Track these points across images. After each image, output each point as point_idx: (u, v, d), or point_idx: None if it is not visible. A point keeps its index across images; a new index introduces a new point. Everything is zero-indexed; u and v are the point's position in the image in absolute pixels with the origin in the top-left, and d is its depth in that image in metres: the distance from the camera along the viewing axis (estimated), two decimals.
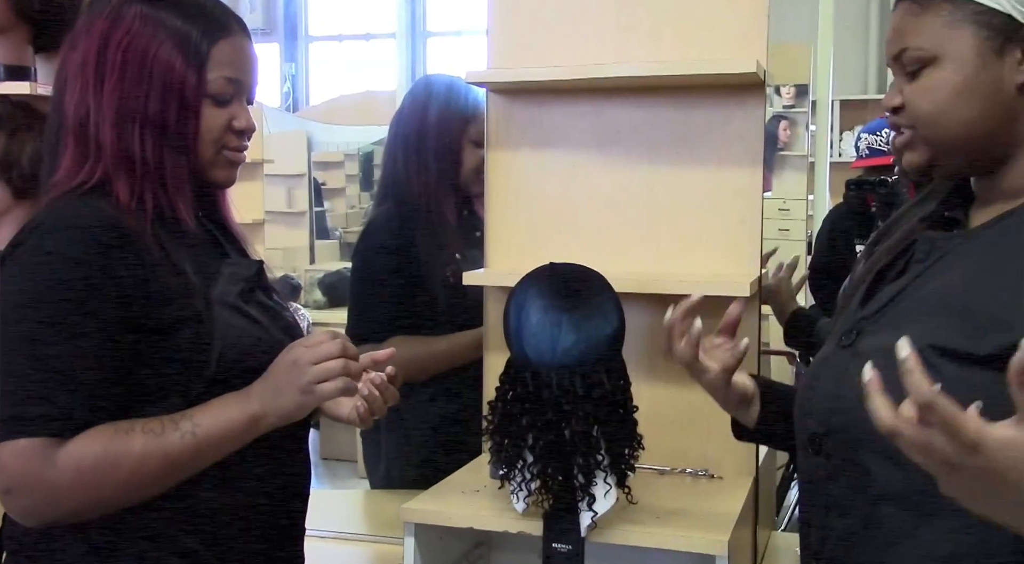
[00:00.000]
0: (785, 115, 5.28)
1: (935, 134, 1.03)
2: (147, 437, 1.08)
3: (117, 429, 1.08)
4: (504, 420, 1.38)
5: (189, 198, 1.19)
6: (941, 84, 1.01)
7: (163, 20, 1.15)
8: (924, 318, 0.99)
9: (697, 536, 1.39)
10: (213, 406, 1.12)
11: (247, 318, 1.19)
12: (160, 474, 1.10)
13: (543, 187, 1.80)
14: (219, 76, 1.17)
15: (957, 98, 1.00)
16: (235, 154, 1.22)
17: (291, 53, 8.08)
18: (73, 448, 1.06)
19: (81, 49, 1.16)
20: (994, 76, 0.99)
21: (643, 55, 1.71)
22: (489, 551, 1.77)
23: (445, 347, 1.97)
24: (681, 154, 1.72)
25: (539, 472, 1.37)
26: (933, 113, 1.02)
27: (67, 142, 1.15)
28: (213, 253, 1.24)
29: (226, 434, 1.12)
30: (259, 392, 1.14)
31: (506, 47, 1.80)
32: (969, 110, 1.01)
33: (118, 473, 1.08)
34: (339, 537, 2.00)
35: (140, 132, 1.14)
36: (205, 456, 1.12)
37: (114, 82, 1.14)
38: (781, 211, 5.11)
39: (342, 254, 6.11)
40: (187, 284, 1.14)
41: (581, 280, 1.41)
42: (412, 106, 2.10)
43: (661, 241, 1.74)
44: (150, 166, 1.15)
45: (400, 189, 2.06)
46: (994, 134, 1.02)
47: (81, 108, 1.14)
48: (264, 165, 5.50)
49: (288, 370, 1.13)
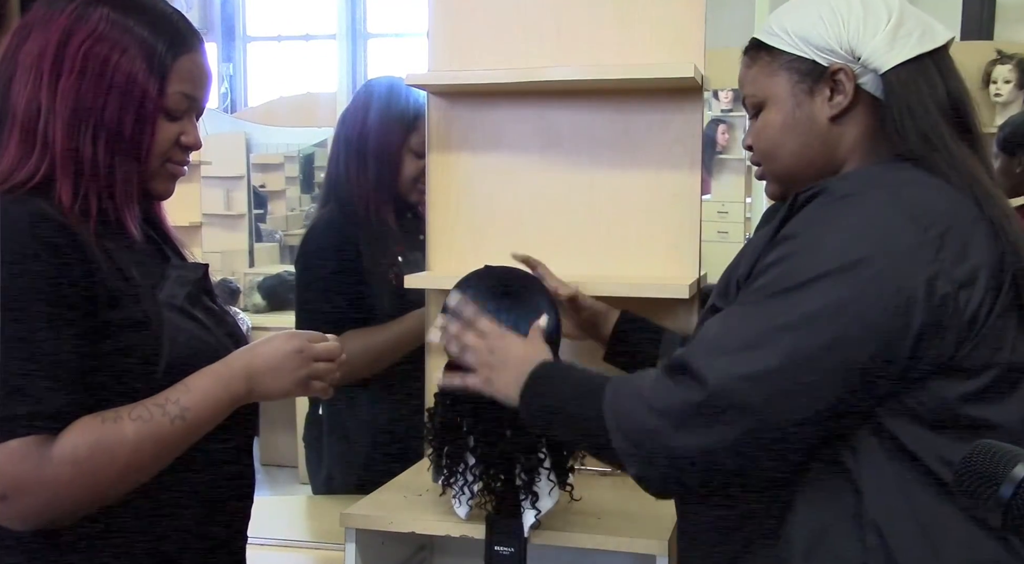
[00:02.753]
0: (723, 119, 5.36)
1: (772, 168, 1.20)
2: (138, 424, 1.09)
3: (104, 418, 1.08)
4: (444, 425, 1.38)
5: (135, 208, 1.18)
6: (769, 124, 1.17)
7: (130, 27, 1.14)
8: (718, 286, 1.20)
9: (638, 536, 1.40)
10: (197, 388, 1.14)
11: (194, 321, 1.19)
12: (154, 459, 1.11)
13: (484, 190, 1.80)
14: (178, 91, 1.17)
15: (780, 135, 1.16)
16: (177, 168, 1.22)
17: (229, 53, 7.96)
18: (66, 442, 1.05)
19: (37, 41, 1.13)
20: (808, 113, 1.14)
21: (583, 59, 1.72)
22: (431, 555, 1.76)
23: (390, 334, 1.96)
24: (621, 157, 1.74)
25: (481, 473, 1.37)
26: (765, 149, 1.19)
27: (11, 133, 1.12)
28: (155, 257, 1.23)
29: (214, 414, 1.15)
30: (249, 370, 1.17)
31: (447, 50, 1.80)
32: (792, 144, 1.16)
33: (116, 462, 1.07)
34: (281, 544, 1.97)
35: (93, 135, 1.12)
36: (192, 437, 1.14)
37: (72, 81, 1.11)
38: (720, 214, 5.19)
39: (282, 257, 6.05)
40: (133, 287, 1.12)
41: (516, 280, 1.42)
42: (354, 109, 2.09)
43: (601, 243, 1.75)
44: (99, 171, 1.13)
45: (342, 191, 2.05)
46: (817, 162, 1.15)
47: (33, 102, 1.11)
48: (202, 167, 5.42)
49: (290, 358, 1.19)
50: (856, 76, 1.11)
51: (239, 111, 7.36)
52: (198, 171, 5.36)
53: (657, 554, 1.38)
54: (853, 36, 1.11)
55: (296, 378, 1.19)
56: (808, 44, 1.13)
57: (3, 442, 1.02)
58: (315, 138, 5.86)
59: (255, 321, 5.06)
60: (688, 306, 1.68)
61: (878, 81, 1.11)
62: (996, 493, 0.77)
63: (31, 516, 1.06)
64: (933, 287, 0.98)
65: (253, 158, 6.23)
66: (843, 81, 1.12)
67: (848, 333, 0.99)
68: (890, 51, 1.10)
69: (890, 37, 1.10)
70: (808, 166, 1.16)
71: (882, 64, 1.10)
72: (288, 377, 1.19)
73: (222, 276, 5.32)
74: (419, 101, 1.93)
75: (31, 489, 1.03)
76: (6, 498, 1.03)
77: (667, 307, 1.66)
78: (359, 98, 2.11)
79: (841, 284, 0.99)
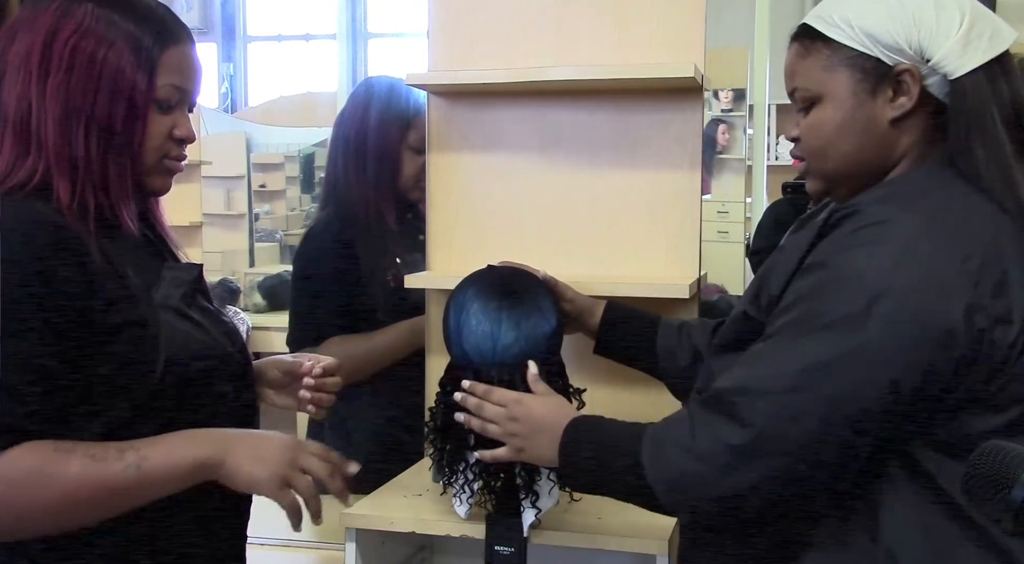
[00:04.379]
0: (723, 119, 5.35)
1: (821, 166, 1.14)
2: (85, 461, 1.04)
3: (57, 448, 1.04)
4: (445, 424, 1.38)
5: (132, 204, 1.18)
6: (825, 122, 1.11)
7: (115, 21, 1.13)
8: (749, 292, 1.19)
9: (638, 536, 1.40)
10: (165, 441, 1.10)
11: (190, 322, 1.18)
12: (93, 502, 1.06)
13: (484, 190, 1.80)
14: (167, 83, 1.16)
15: (836, 135, 1.11)
16: (174, 163, 1.21)
17: (229, 53, 7.97)
18: (7, 459, 1.02)
19: (23, 41, 1.12)
20: (868, 114, 1.09)
21: (583, 59, 1.72)
22: (432, 555, 1.77)
23: (384, 340, 1.96)
24: (621, 157, 1.74)
25: (480, 472, 1.37)
26: (817, 148, 1.13)
27: (4, 134, 1.12)
28: (152, 257, 1.22)
29: (172, 472, 1.09)
30: (228, 442, 1.12)
31: (447, 49, 1.80)
32: (847, 145, 1.11)
33: (48, 493, 1.03)
34: (281, 544, 1.97)
35: (85, 132, 1.12)
36: (145, 492, 1.08)
37: (60, 78, 1.11)
38: (720, 214, 5.19)
39: (283, 257, 6.05)
40: (130, 288, 1.12)
41: (519, 280, 1.42)
42: (353, 108, 2.09)
43: (601, 243, 1.75)
44: (93, 168, 1.12)
45: (341, 192, 2.04)
46: (870, 165, 1.11)
47: (23, 102, 1.11)
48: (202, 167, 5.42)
49: (281, 450, 1.14)
50: (923, 78, 1.06)
51: (239, 111, 7.37)
52: (198, 171, 5.36)
53: (657, 554, 1.38)
54: (925, 37, 1.05)
55: (279, 473, 1.12)
56: (874, 41, 1.07)
57: None
58: (315, 138, 5.86)
59: (255, 321, 5.06)
60: (688, 306, 1.68)
61: (945, 84, 1.06)
62: (1007, 497, 0.75)
63: None
64: (971, 321, 0.97)
65: (253, 158, 6.24)
66: (908, 83, 1.06)
67: (889, 370, 0.97)
68: (963, 56, 1.05)
69: (963, 40, 1.05)
70: (859, 168, 1.11)
71: (955, 69, 1.05)
72: (271, 466, 1.12)
73: (222, 276, 5.33)
74: (418, 99, 1.93)
75: None
76: None
77: (667, 307, 1.66)
78: (357, 97, 2.11)
79: (879, 320, 0.97)
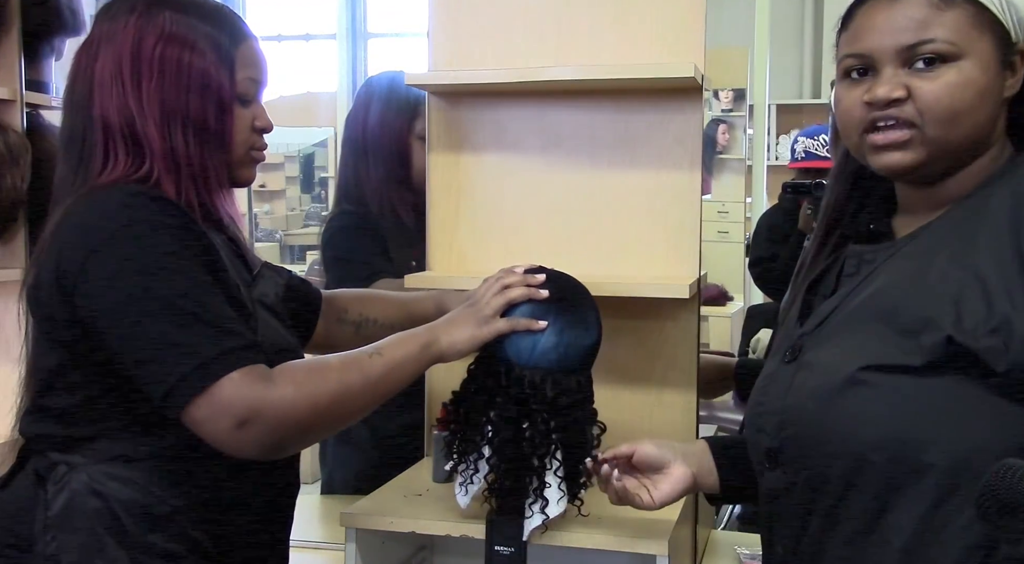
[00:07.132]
0: (723, 119, 5.35)
1: (943, 133, 1.00)
2: (340, 357, 1.18)
3: (305, 359, 1.20)
4: (467, 409, 1.38)
5: (227, 197, 1.26)
6: (968, 82, 0.99)
7: (193, 25, 1.21)
8: (859, 327, 1.02)
9: (638, 537, 1.40)
10: (389, 340, 1.25)
11: (280, 321, 1.30)
12: (361, 388, 1.17)
13: (485, 190, 1.80)
14: (244, 77, 1.24)
15: (978, 99, 1.00)
16: (259, 153, 1.29)
17: None
18: (280, 368, 1.12)
19: (108, 55, 1.19)
20: (1000, 86, 1.02)
21: (583, 58, 1.72)
22: (432, 555, 1.76)
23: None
24: (621, 157, 1.73)
25: (494, 466, 1.36)
26: (951, 109, 0.99)
27: (112, 146, 1.18)
28: (235, 256, 1.29)
29: (406, 357, 1.23)
30: (430, 326, 1.29)
31: (447, 49, 1.80)
32: (982, 113, 1.01)
33: (328, 382, 1.14)
34: None
35: (183, 132, 1.19)
36: (390, 378, 1.21)
37: (154, 85, 1.18)
38: (720, 214, 5.19)
39: (283, 257, 6.04)
40: (235, 279, 1.20)
41: (570, 289, 1.40)
42: (356, 108, 2.09)
43: (602, 243, 1.75)
44: (194, 165, 1.20)
45: (353, 192, 2.04)
46: (982, 142, 1.03)
47: (125, 111, 1.18)
48: None
49: (468, 306, 1.31)
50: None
51: None
52: None
53: (657, 554, 1.38)
54: None
55: (476, 320, 1.29)
56: (1014, 13, 1.02)
57: (227, 375, 1.07)
58: (315, 138, 5.85)
59: None
60: (688, 306, 1.68)
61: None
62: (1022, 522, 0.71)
63: (267, 440, 1.10)
64: None
65: None
66: (1017, 63, 1.03)
67: None
68: None
69: None
70: (974, 144, 1.02)
71: None
72: (466, 322, 1.29)
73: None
74: (420, 92, 1.93)
75: (263, 411, 1.08)
76: (246, 423, 1.08)
77: (667, 307, 1.66)
78: (360, 97, 2.11)
79: None
